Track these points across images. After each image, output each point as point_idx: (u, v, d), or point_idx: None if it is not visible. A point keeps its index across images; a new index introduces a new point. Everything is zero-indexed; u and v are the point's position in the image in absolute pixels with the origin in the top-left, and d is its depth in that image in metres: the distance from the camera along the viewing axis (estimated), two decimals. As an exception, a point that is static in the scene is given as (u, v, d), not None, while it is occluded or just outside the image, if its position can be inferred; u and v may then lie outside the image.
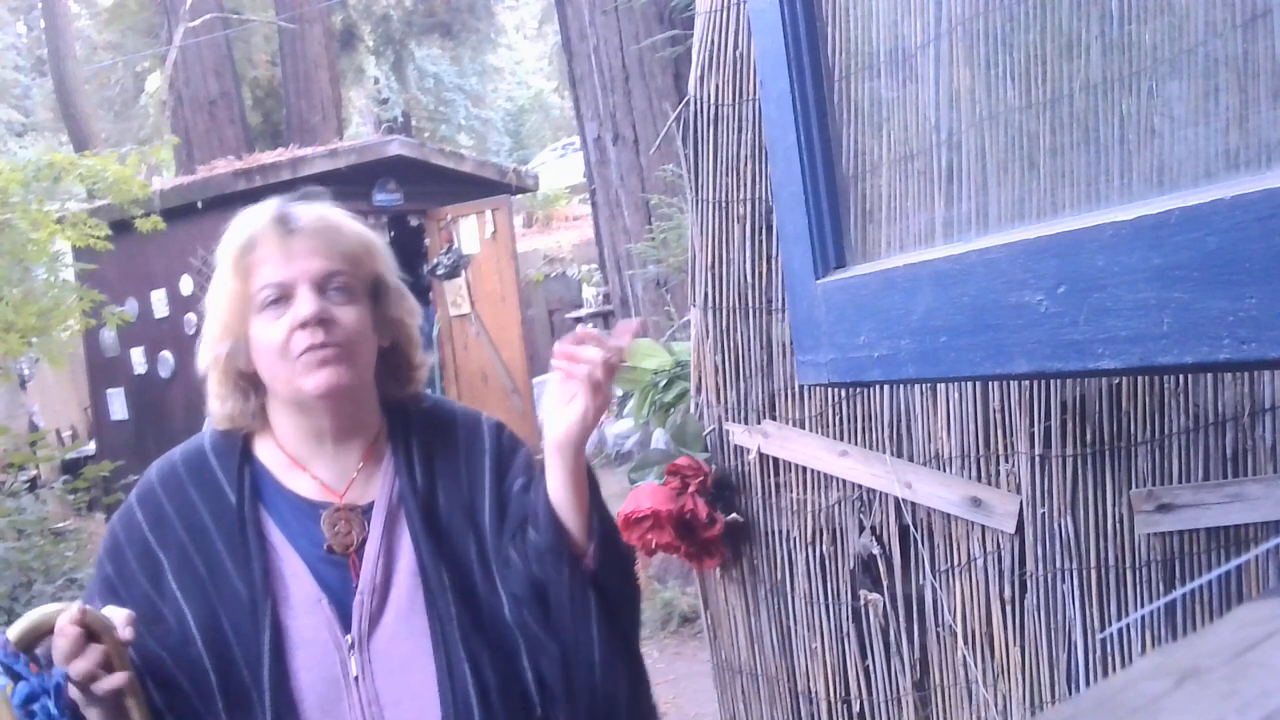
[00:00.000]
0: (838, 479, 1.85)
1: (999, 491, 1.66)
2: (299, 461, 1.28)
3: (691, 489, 1.90)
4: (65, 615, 1.07)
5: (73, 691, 1.08)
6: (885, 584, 1.82)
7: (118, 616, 1.10)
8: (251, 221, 1.25)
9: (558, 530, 1.21)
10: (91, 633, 1.07)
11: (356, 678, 1.20)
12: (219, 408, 1.28)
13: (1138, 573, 1.56)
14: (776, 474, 1.94)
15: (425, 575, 1.23)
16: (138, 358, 8.42)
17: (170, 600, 1.20)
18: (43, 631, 1.10)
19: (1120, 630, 1.57)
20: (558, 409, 1.21)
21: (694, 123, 1.96)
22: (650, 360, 2.19)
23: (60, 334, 5.77)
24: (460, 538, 1.26)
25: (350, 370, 1.23)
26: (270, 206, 1.26)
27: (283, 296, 1.21)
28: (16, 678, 1.06)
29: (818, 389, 1.85)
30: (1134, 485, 1.55)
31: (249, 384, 1.27)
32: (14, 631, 1.09)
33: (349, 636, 1.21)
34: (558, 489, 1.21)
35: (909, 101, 1.22)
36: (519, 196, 11.32)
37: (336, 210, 1.29)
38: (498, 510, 1.28)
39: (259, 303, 1.21)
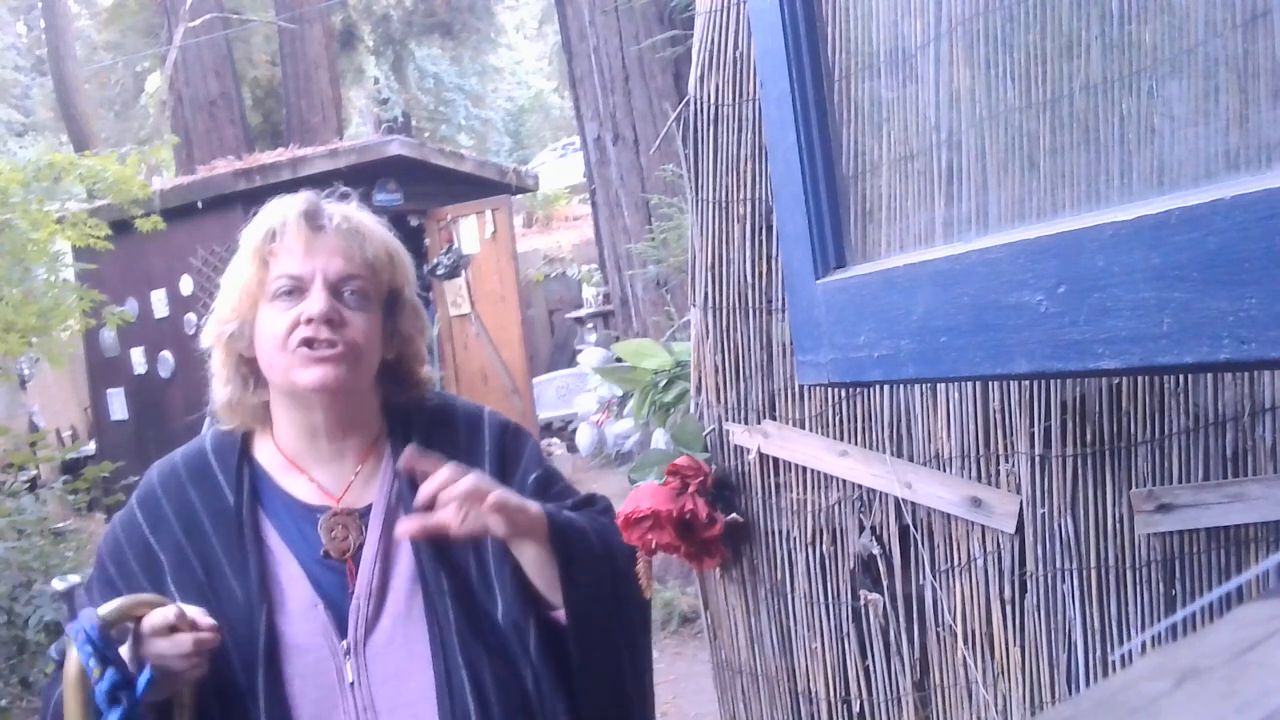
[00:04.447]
0: (838, 479, 1.85)
1: (999, 491, 1.66)
2: (297, 464, 1.26)
3: (691, 489, 1.90)
4: (167, 610, 1.08)
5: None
6: (885, 584, 1.82)
7: (198, 616, 1.11)
8: (280, 211, 1.24)
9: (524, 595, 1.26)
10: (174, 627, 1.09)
11: (352, 684, 1.18)
12: (220, 391, 1.27)
13: (1138, 573, 1.56)
14: (776, 474, 1.94)
15: (424, 580, 1.22)
16: (138, 358, 8.42)
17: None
18: (129, 616, 1.08)
19: (1121, 634, 1.56)
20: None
21: (694, 123, 1.96)
22: (650, 360, 2.19)
23: (60, 334, 5.76)
24: (458, 541, 1.25)
25: (349, 373, 1.22)
26: (301, 199, 1.25)
27: (296, 289, 1.20)
28: (106, 663, 1.03)
29: (818, 389, 1.84)
30: (1134, 485, 1.55)
31: (249, 371, 1.26)
32: (106, 610, 1.06)
33: (345, 642, 1.19)
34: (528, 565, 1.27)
35: (909, 101, 1.22)
36: (519, 196, 11.33)
37: (368, 214, 1.29)
38: None
39: (271, 291, 1.21)
